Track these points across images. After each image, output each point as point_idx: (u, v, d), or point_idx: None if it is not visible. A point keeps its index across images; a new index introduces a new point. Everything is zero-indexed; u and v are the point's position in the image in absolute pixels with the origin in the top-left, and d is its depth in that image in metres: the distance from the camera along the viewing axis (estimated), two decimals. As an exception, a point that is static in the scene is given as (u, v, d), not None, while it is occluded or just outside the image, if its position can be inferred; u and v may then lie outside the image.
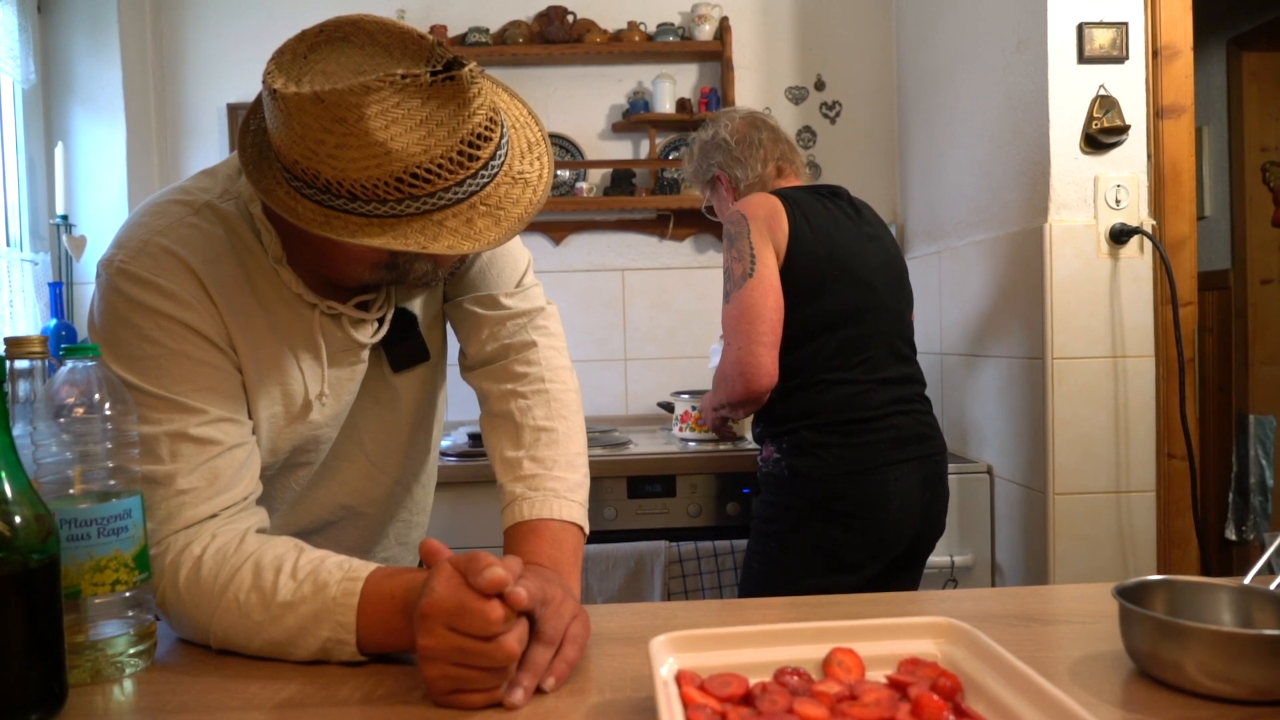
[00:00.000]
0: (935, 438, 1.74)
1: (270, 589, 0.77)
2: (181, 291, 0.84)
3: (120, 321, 0.83)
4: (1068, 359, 1.91)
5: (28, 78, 2.57)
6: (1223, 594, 0.75)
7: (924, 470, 1.69)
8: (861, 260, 1.69)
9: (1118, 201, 1.91)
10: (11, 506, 0.65)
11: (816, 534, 1.64)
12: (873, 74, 2.99)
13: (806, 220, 1.67)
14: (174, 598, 0.80)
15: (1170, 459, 1.91)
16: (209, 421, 0.84)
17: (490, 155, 0.78)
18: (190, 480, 0.82)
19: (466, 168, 0.76)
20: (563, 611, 0.74)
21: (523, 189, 0.81)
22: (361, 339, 0.96)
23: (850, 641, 0.68)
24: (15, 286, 2.50)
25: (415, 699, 0.69)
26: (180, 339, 0.84)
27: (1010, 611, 0.89)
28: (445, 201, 0.76)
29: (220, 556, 0.80)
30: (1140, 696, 0.68)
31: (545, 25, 2.86)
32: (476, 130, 0.75)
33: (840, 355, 1.65)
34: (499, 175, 0.80)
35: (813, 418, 1.65)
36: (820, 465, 1.63)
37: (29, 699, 0.65)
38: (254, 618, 0.77)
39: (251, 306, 0.89)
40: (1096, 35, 1.90)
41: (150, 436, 0.82)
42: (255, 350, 0.89)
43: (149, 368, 0.83)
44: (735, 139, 1.86)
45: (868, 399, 1.65)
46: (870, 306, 1.68)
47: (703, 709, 0.59)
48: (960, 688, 0.62)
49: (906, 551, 1.70)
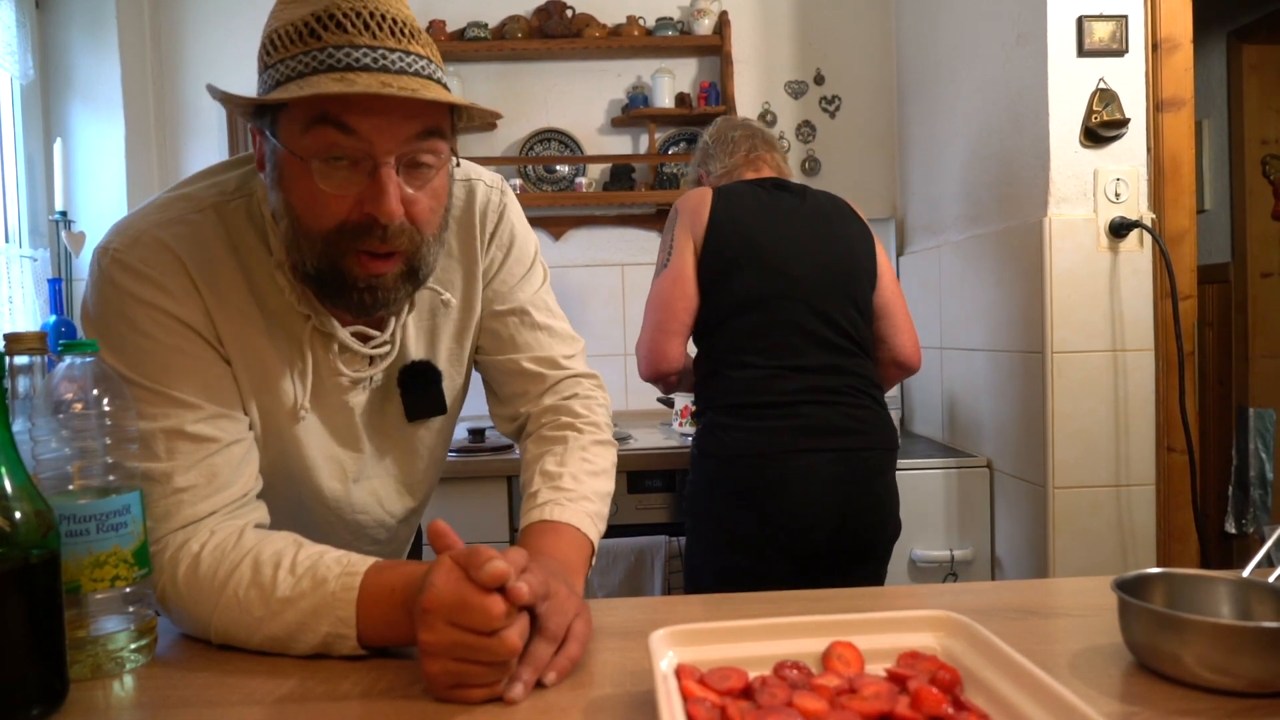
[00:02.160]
0: (866, 433, 1.69)
1: (269, 585, 0.77)
2: (172, 285, 0.84)
3: (113, 312, 0.83)
4: (1067, 353, 1.91)
5: (26, 73, 2.57)
6: (1221, 586, 0.75)
7: (844, 463, 1.65)
8: (778, 249, 1.71)
9: (1117, 195, 1.91)
10: (12, 502, 0.65)
11: (717, 512, 1.70)
12: (872, 68, 2.98)
13: (730, 211, 1.73)
14: (173, 594, 0.80)
15: (1170, 453, 1.91)
16: (205, 418, 0.84)
17: (389, 37, 0.77)
18: (188, 478, 0.82)
19: (351, 28, 0.76)
20: (566, 607, 0.74)
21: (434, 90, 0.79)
22: (345, 370, 0.94)
23: (849, 635, 0.68)
24: (14, 283, 2.50)
25: (415, 694, 0.69)
26: (173, 333, 0.84)
27: (1009, 605, 0.89)
28: (345, 60, 0.75)
29: (219, 553, 0.80)
30: (1139, 689, 0.68)
31: (544, 20, 2.86)
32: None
33: (747, 341, 1.69)
34: (406, 65, 0.78)
35: (720, 400, 1.71)
36: (722, 446, 1.68)
37: (30, 694, 0.65)
38: (254, 614, 0.77)
39: (248, 307, 0.88)
40: (1096, 28, 1.89)
41: (146, 432, 0.81)
42: (245, 351, 0.89)
43: (143, 361, 0.83)
44: (714, 139, 1.97)
45: (773, 385, 1.66)
46: (782, 294, 1.69)
47: (702, 702, 0.59)
48: (959, 681, 0.62)
49: (841, 548, 1.68)
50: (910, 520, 2.18)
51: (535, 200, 2.81)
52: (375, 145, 0.77)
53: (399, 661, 0.76)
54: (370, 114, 0.76)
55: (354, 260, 0.81)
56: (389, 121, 0.77)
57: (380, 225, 0.79)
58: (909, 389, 2.82)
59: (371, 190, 0.78)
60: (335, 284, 0.83)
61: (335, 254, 0.81)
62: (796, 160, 2.99)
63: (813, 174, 2.98)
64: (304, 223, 0.81)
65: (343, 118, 0.76)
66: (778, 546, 1.65)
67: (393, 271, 0.83)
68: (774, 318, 1.69)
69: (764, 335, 1.69)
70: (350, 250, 0.81)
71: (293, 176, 0.80)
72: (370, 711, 0.67)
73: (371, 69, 0.75)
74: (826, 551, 1.68)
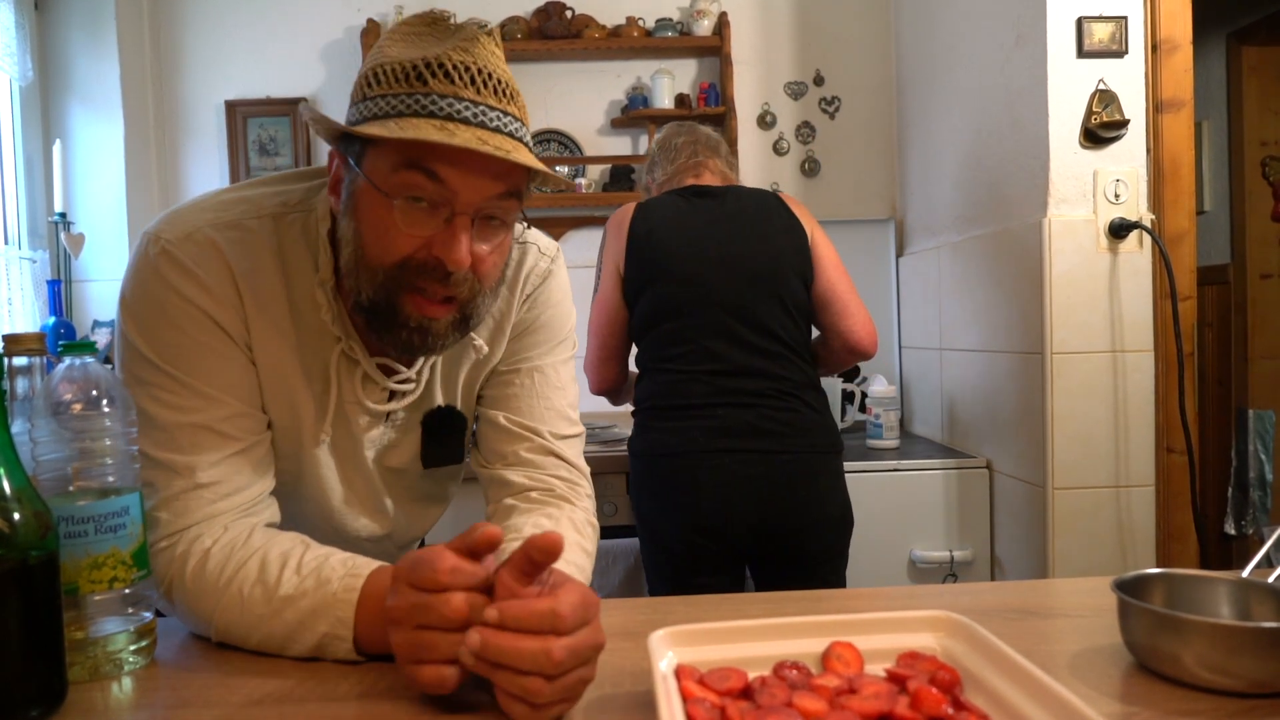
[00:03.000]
0: (788, 435, 1.67)
1: (274, 583, 0.77)
2: (216, 288, 0.84)
3: (152, 302, 0.83)
4: (1067, 354, 1.91)
5: (25, 75, 2.57)
6: (1221, 587, 0.75)
7: (761, 465, 1.65)
8: (691, 257, 1.74)
9: (1117, 196, 1.91)
10: (10, 503, 0.64)
11: (639, 506, 1.78)
12: (872, 69, 2.98)
13: (647, 224, 1.78)
14: (180, 589, 0.80)
15: (1169, 454, 1.91)
16: (232, 415, 0.84)
17: (491, 95, 0.79)
18: (210, 474, 0.82)
19: (458, 81, 0.77)
20: (594, 627, 0.65)
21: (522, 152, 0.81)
22: (365, 400, 0.94)
23: (849, 635, 0.68)
24: (14, 284, 2.50)
25: (413, 695, 0.69)
26: (207, 331, 0.84)
27: (1009, 605, 0.89)
28: (447, 110, 0.77)
29: (228, 550, 0.80)
30: (1139, 689, 0.68)
31: (544, 21, 2.86)
32: (465, 53, 0.78)
33: (666, 347, 1.75)
34: (501, 125, 0.80)
35: (644, 403, 1.78)
36: (642, 445, 1.75)
37: (29, 695, 0.65)
38: (256, 611, 0.77)
39: (284, 322, 0.89)
40: (1096, 29, 1.90)
41: (172, 424, 0.81)
42: (273, 364, 0.89)
43: (176, 354, 0.83)
44: (658, 146, 2.01)
45: (689, 388, 1.70)
46: (697, 300, 1.72)
47: (702, 703, 0.59)
48: (959, 681, 0.62)
49: (770, 551, 1.68)
50: (910, 521, 2.19)
51: (534, 201, 2.81)
52: (459, 196, 0.79)
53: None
54: (460, 167, 0.78)
55: (410, 298, 0.82)
56: (477, 177, 0.79)
57: (445, 270, 0.80)
58: (908, 390, 2.82)
59: (444, 236, 0.80)
60: (387, 318, 0.84)
61: (394, 288, 0.82)
62: (796, 161, 2.99)
63: (812, 175, 2.99)
64: (370, 253, 0.82)
65: (434, 166, 0.78)
66: (695, 547, 1.67)
67: (447, 318, 0.84)
68: (691, 323, 1.72)
69: (682, 341, 1.72)
70: (409, 287, 0.82)
71: (368, 207, 0.81)
72: (368, 713, 0.67)
73: (470, 123, 0.78)
74: (753, 554, 1.71)
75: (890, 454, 2.31)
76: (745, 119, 2.96)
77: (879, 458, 2.25)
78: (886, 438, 2.38)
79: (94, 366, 0.76)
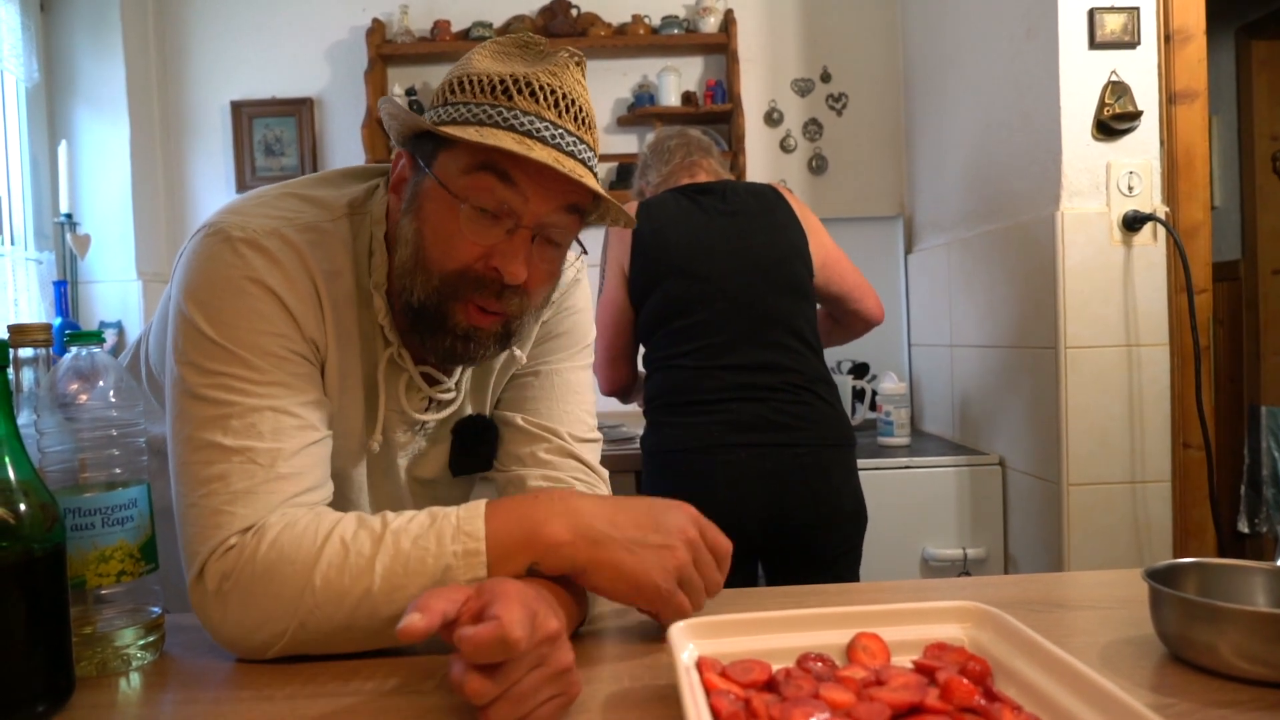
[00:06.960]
0: (801, 428, 1.67)
1: (379, 524, 0.74)
2: (299, 286, 0.82)
3: (228, 284, 0.79)
4: (1081, 348, 1.89)
5: (31, 76, 2.56)
6: (1256, 576, 0.73)
7: (774, 459, 1.64)
8: (698, 252, 1.73)
9: (1130, 188, 1.89)
10: (16, 495, 0.63)
11: None
12: (879, 65, 2.97)
13: (651, 223, 1.77)
14: (248, 572, 0.72)
15: (1186, 448, 1.89)
16: (310, 403, 0.82)
17: (570, 121, 0.81)
18: (292, 464, 0.78)
19: (542, 101, 0.79)
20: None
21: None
22: (408, 408, 0.93)
23: (874, 626, 0.66)
24: (20, 285, 2.50)
25: (427, 689, 0.68)
26: (284, 323, 0.81)
27: (1032, 598, 0.87)
28: (528, 126, 0.78)
29: (315, 515, 0.76)
30: (1174, 681, 0.66)
31: (549, 19, 2.85)
32: (553, 76, 0.80)
33: (675, 344, 1.73)
34: (575, 150, 0.81)
35: (655, 400, 1.76)
36: (656, 442, 1.74)
37: (36, 690, 0.63)
38: (365, 553, 0.72)
39: (351, 325, 0.88)
40: (1108, 20, 1.88)
41: (250, 409, 0.77)
42: (337, 366, 0.87)
43: (253, 341, 0.79)
44: (651, 149, 2.00)
45: (700, 384, 1.69)
46: (706, 296, 1.71)
47: (726, 695, 0.57)
48: (990, 672, 0.60)
49: (783, 545, 1.67)
50: (922, 519, 2.17)
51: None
52: (527, 205, 0.80)
53: (411, 659, 0.74)
54: (533, 180, 0.79)
55: (462, 307, 0.82)
56: (547, 194, 0.80)
57: (500, 283, 0.81)
58: (918, 387, 2.80)
59: (504, 247, 0.80)
60: (435, 323, 0.83)
61: (448, 294, 0.82)
62: (803, 158, 2.97)
63: (819, 172, 2.97)
64: (429, 255, 0.82)
65: (508, 168, 0.79)
66: None
67: (492, 329, 0.84)
68: (701, 319, 1.71)
69: (692, 337, 1.71)
70: (463, 297, 0.82)
71: (434, 209, 0.81)
72: (382, 708, 0.65)
73: (548, 143, 0.79)
74: (767, 548, 1.69)
75: (901, 452, 2.29)
76: (752, 116, 2.95)
77: (890, 455, 2.23)
78: (898, 435, 2.36)
79: (101, 357, 0.75)
